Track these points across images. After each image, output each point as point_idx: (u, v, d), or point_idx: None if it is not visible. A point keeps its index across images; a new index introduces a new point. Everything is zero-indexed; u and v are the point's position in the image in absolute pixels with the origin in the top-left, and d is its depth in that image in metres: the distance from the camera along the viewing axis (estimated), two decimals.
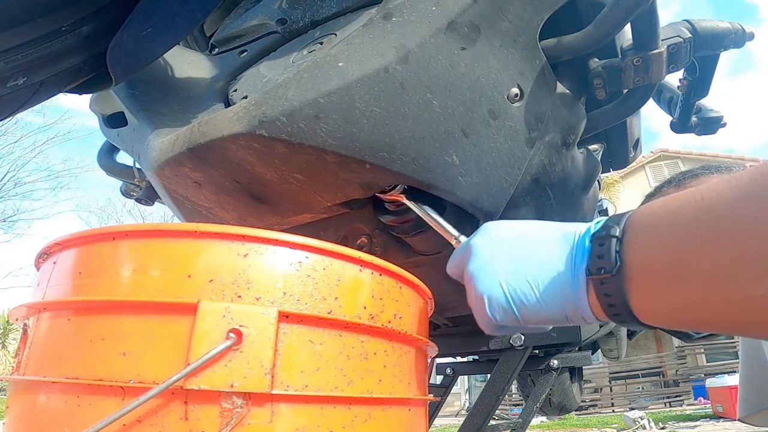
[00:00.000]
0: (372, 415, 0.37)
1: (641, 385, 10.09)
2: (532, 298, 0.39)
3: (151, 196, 0.90)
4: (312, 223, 0.66)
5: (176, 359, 0.31)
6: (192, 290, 0.33)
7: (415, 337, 0.43)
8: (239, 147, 0.51)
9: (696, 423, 5.79)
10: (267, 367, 0.32)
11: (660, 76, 0.66)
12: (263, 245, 0.36)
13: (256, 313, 0.33)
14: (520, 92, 0.59)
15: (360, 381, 0.37)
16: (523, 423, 1.02)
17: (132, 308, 0.33)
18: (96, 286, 0.35)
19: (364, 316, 0.38)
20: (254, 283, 0.34)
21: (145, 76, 0.67)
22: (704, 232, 0.31)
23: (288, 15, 0.67)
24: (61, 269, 0.37)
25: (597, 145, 0.91)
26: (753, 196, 0.29)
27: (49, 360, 0.34)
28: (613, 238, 0.36)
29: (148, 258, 0.35)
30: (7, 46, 0.46)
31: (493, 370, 0.89)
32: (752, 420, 1.01)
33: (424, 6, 0.53)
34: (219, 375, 0.31)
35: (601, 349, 1.61)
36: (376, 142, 0.51)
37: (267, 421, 0.32)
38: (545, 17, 0.59)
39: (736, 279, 0.29)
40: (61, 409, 0.32)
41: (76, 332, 0.34)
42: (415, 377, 0.43)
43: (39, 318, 0.37)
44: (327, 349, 0.35)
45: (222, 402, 0.31)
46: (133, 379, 0.31)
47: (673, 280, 0.33)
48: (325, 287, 0.37)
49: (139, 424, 0.30)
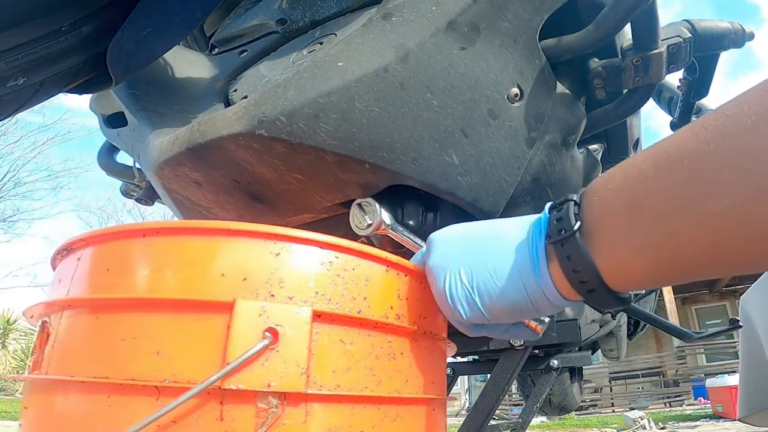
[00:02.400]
0: (400, 414, 0.37)
1: (641, 385, 10.09)
2: (492, 285, 0.38)
3: (151, 196, 0.90)
4: (312, 223, 0.66)
5: (211, 358, 0.31)
6: (226, 289, 0.33)
7: (437, 336, 0.43)
8: (239, 147, 0.51)
9: (696, 423, 5.78)
10: (303, 367, 0.32)
11: (660, 76, 0.66)
12: (295, 244, 0.36)
13: (291, 312, 0.33)
14: (520, 92, 0.59)
15: (388, 380, 0.37)
16: (523, 423, 1.02)
17: (165, 306, 0.33)
18: (126, 283, 0.34)
19: (391, 315, 0.38)
20: (287, 282, 0.34)
21: (145, 76, 0.67)
22: (658, 167, 0.32)
23: (288, 15, 0.67)
24: (87, 266, 0.36)
25: (597, 145, 0.91)
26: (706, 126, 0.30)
27: (74, 359, 0.33)
28: (570, 201, 0.36)
29: (180, 255, 0.34)
30: (7, 46, 0.46)
31: (493, 370, 0.89)
32: (752, 420, 1.01)
33: (424, 6, 0.53)
34: (256, 374, 0.31)
35: (601, 349, 1.61)
36: (375, 141, 0.51)
37: (301, 421, 0.32)
38: (545, 17, 0.59)
39: (696, 200, 0.29)
40: (89, 409, 0.31)
41: (105, 330, 0.33)
42: (437, 376, 0.43)
43: (62, 315, 0.36)
44: (357, 349, 0.35)
45: (258, 402, 0.31)
46: (168, 379, 0.31)
47: (635, 221, 0.32)
48: (354, 287, 0.37)
49: (174, 425, 0.30)
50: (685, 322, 11.08)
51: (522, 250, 0.37)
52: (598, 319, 1.18)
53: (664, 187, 0.31)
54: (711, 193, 0.29)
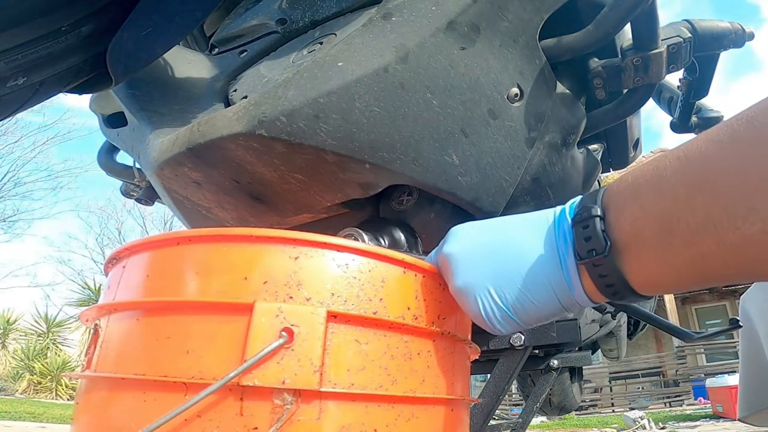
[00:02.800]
0: (415, 414, 0.38)
1: (641, 385, 10.09)
2: (527, 302, 0.39)
3: (151, 196, 0.90)
4: (312, 223, 0.66)
5: (234, 357, 0.33)
6: (248, 291, 0.35)
7: (458, 338, 0.44)
8: (239, 147, 0.51)
9: (696, 423, 5.78)
10: (316, 365, 0.33)
11: (660, 76, 0.66)
12: (313, 248, 0.37)
13: (306, 312, 0.34)
14: (520, 92, 0.59)
15: (404, 380, 0.37)
16: (523, 423, 1.02)
17: (195, 308, 0.35)
18: (162, 288, 0.37)
19: (407, 316, 0.39)
20: (305, 284, 0.36)
21: (145, 76, 0.67)
22: (688, 185, 0.32)
23: (288, 15, 0.67)
24: (130, 273, 0.40)
25: (597, 145, 0.91)
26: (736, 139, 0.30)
27: (117, 358, 0.36)
28: (595, 218, 0.36)
29: (209, 261, 0.37)
30: (7, 46, 0.46)
31: (493, 370, 0.89)
32: (752, 420, 1.01)
33: (424, 6, 0.53)
34: (272, 372, 0.32)
35: (601, 349, 1.60)
36: (375, 141, 0.51)
37: (315, 417, 0.33)
38: (545, 17, 0.59)
39: (728, 222, 0.29)
40: (129, 403, 0.34)
41: (144, 331, 0.36)
42: (457, 378, 0.44)
43: (110, 318, 0.39)
44: (372, 349, 0.36)
45: (274, 398, 0.32)
46: (195, 376, 0.33)
47: (666, 243, 0.33)
48: (370, 288, 0.38)
49: (199, 419, 0.32)
50: (685, 322, 11.08)
51: (550, 265, 0.38)
52: (598, 319, 1.18)
53: (695, 207, 0.31)
54: (748, 215, 0.28)
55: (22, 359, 11.26)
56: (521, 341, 0.88)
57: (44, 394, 10.72)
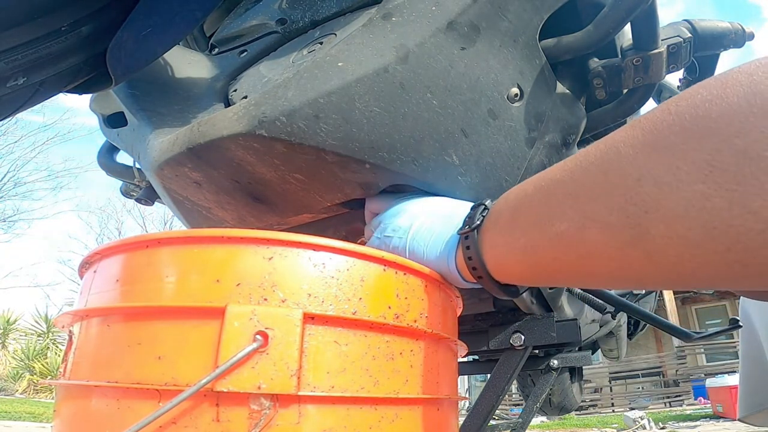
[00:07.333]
0: (399, 415, 0.37)
1: (641, 385, 10.09)
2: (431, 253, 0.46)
3: (151, 196, 0.90)
4: (312, 224, 0.66)
5: (207, 362, 0.32)
6: (221, 294, 0.34)
7: (442, 336, 0.43)
8: (239, 147, 0.51)
9: (696, 423, 5.78)
10: (293, 369, 0.32)
11: (660, 76, 0.66)
12: (287, 248, 0.36)
13: (281, 315, 0.33)
14: (520, 92, 0.59)
15: (386, 381, 0.37)
16: (523, 423, 1.02)
17: (166, 313, 0.34)
18: (132, 292, 0.36)
19: (389, 315, 0.38)
20: (279, 285, 0.35)
21: (145, 76, 0.67)
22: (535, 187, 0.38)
23: (288, 15, 0.67)
24: (101, 278, 0.39)
25: None
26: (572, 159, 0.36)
27: (91, 365, 0.35)
28: (486, 201, 0.45)
29: (179, 264, 0.36)
30: (7, 46, 0.46)
31: (493, 370, 0.89)
32: (752, 420, 1.01)
33: (424, 6, 0.53)
34: (246, 377, 0.31)
35: (601, 349, 1.60)
36: (375, 141, 0.51)
37: (294, 422, 0.32)
38: (545, 17, 0.59)
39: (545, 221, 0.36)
40: (103, 411, 0.33)
41: (115, 338, 0.35)
42: (443, 377, 0.43)
43: (82, 325, 0.38)
44: (352, 350, 0.36)
45: (251, 404, 0.32)
46: (168, 382, 0.32)
47: (509, 230, 0.39)
48: (349, 288, 0.37)
49: (174, 425, 0.31)
50: (685, 322, 11.08)
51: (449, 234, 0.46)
52: (598, 319, 1.18)
53: (531, 205, 0.38)
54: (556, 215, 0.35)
55: (22, 359, 11.26)
56: (521, 341, 0.88)
57: (44, 394, 10.71)
